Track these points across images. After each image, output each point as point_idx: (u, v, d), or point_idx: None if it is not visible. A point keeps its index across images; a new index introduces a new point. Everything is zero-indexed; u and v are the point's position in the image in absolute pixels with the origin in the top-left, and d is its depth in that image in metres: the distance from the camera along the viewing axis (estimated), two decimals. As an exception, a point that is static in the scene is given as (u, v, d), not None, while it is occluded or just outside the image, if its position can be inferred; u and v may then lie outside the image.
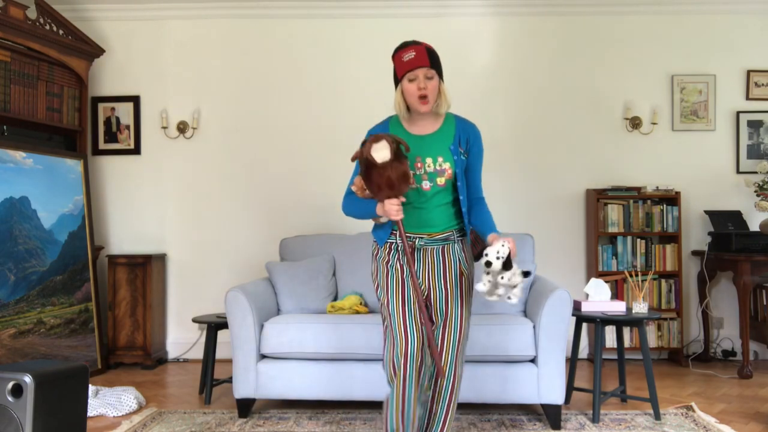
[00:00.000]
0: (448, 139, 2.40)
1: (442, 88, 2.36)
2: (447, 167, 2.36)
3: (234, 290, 3.31)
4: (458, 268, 2.40)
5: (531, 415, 3.35)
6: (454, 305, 2.38)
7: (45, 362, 2.48)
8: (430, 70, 2.30)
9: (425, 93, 2.29)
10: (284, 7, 4.87)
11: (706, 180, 4.81)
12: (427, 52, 2.30)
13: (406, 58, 2.30)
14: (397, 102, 2.37)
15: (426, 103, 2.31)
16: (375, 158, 2.13)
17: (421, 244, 2.38)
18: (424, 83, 2.29)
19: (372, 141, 2.16)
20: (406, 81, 2.31)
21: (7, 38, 3.96)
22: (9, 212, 3.91)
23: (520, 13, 4.84)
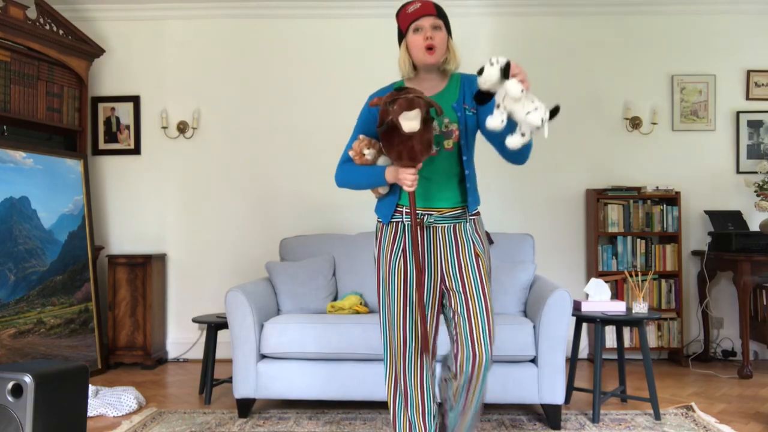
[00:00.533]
0: (452, 97, 2.22)
1: (452, 44, 2.19)
2: (454, 128, 2.19)
3: (234, 290, 3.31)
4: (473, 248, 2.21)
5: (531, 415, 3.35)
6: (473, 282, 2.17)
7: (45, 362, 2.48)
8: (437, 20, 2.14)
9: (432, 43, 2.11)
10: (284, 7, 4.87)
11: (706, 180, 4.81)
12: (434, 4, 2.16)
13: (410, 9, 2.15)
14: (401, 60, 2.19)
15: (432, 52, 2.11)
16: (403, 126, 1.95)
17: (430, 221, 2.19)
18: (431, 32, 2.12)
19: (404, 105, 1.95)
20: (411, 33, 2.14)
21: (7, 38, 3.96)
22: (9, 212, 3.91)
23: (520, 13, 4.84)
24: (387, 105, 1.99)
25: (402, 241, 2.20)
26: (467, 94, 2.21)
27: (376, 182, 2.18)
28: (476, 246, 2.22)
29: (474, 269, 2.19)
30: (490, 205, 4.82)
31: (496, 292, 3.61)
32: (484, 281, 2.20)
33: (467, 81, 2.24)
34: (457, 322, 2.18)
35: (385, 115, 1.99)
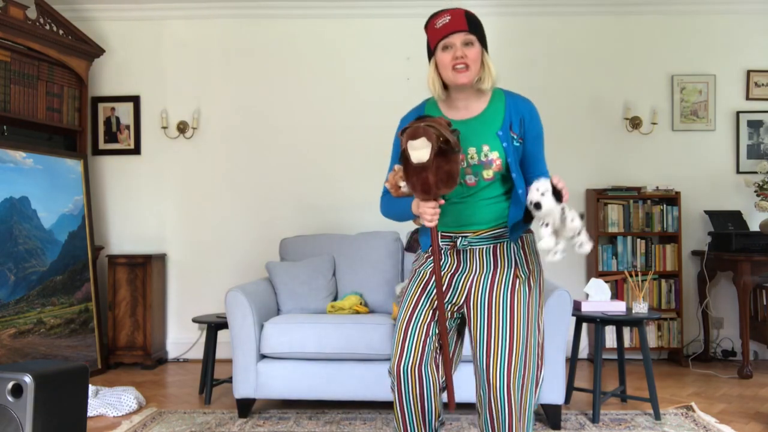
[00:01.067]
0: (495, 123, 1.97)
1: (487, 60, 1.95)
2: (495, 157, 1.94)
3: (234, 290, 3.31)
4: (513, 270, 1.97)
5: (531, 415, 3.35)
6: (502, 312, 1.91)
7: (45, 362, 2.48)
8: (470, 35, 1.91)
9: (463, 61, 1.89)
10: (284, 7, 4.87)
11: (706, 180, 4.81)
12: (465, 16, 1.93)
13: (439, 24, 1.93)
14: (430, 79, 1.98)
15: (464, 71, 1.89)
16: (410, 157, 1.79)
17: (464, 245, 1.98)
18: (462, 51, 1.90)
19: (409, 134, 1.79)
20: (440, 51, 1.93)
21: (7, 38, 3.96)
22: (9, 212, 3.91)
23: (520, 13, 4.84)
24: (401, 134, 1.84)
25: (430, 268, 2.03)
26: (515, 121, 1.97)
27: (407, 216, 2.00)
28: (518, 268, 1.98)
29: (506, 292, 1.94)
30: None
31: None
32: (516, 307, 1.92)
33: (514, 104, 2.00)
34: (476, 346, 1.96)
35: (401, 145, 1.85)
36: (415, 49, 4.89)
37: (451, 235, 1.99)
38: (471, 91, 1.98)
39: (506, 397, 1.87)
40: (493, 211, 2.00)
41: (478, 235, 1.98)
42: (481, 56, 1.94)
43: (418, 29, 5.31)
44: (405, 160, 1.84)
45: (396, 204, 2.03)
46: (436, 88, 1.97)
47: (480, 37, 1.95)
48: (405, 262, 3.98)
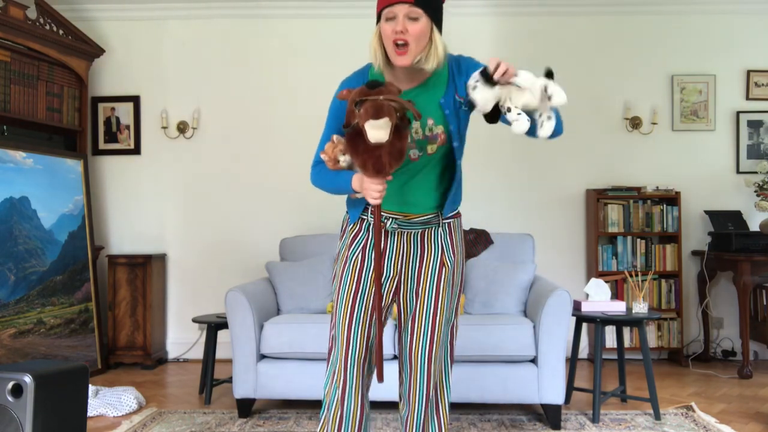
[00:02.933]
0: (437, 91, 1.86)
1: (435, 37, 1.80)
2: (440, 131, 1.86)
3: (234, 290, 3.31)
4: (439, 257, 1.95)
5: (531, 415, 3.35)
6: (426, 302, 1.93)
7: (45, 362, 2.48)
8: (415, 8, 1.73)
9: (403, 38, 1.74)
10: (284, 7, 4.87)
11: (706, 180, 4.81)
12: None
13: None
14: (372, 48, 1.83)
15: (403, 53, 1.76)
16: (369, 136, 1.69)
17: (393, 227, 1.92)
18: (403, 25, 1.74)
19: (370, 111, 1.66)
20: (384, 20, 1.77)
21: (7, 38, 3.96)
22: (9, 212, 3.91)
23: (520, 13, 4.84)
24: (354, 105, 1.70)
25: (364, 239, 1.96)
26: (459, 84, 1.85)
27: (344, 191, 1.90)
28: (444, 254, 1.96)
29: (433, 280, 1.94)
30: (491, 205, 4.83)
31: (497, 292, 3.61)
32: (441, 295, 1.94)
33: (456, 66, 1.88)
34: (402, 337, 2.02)
35: (352, 116, 1.72)
36: (415, 49, 4.91)
37: (386, 214, 1.92)
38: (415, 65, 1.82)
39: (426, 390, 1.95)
40: (430, 196, 1.93)
41: (408, 219, 1.93)
42: (427, 33, 1.78)
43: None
44: (355, 134, 1.73)
45: (333, 177, 1.91)
46: (378, 58, 1.83)
47: (429, 10, 1.77)
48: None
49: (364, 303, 1.95)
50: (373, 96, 1.67)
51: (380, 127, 1.66)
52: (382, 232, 1.90)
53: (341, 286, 1.97)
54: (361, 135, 1.70)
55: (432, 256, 1.96)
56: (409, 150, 1.84)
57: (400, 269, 1.98)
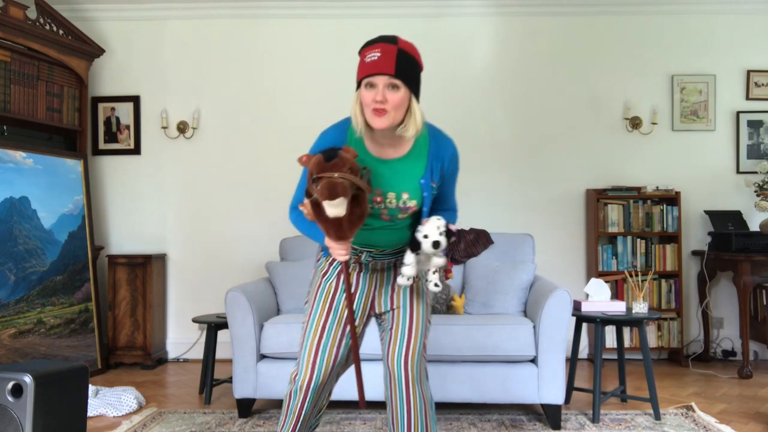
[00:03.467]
0: (418, 169, 1.95)
1: (414, 107, 1.86)
2: (413, 205, 1.95)
3: (234, 290, 3.31)
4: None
5: (531, 415, 3.35)
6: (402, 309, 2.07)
7: (45, 362, 2.48)
8: (395, 80, 1.80)
9: (382, 106, 1.81)
10: (284, 7, 4.87)
11: (706, 180, 4.81)
12: (396, 56, 1.82)
13: (368, 59, 1.83)
14: (352, 113, 1.89)
15: (381, 115, 1.82)
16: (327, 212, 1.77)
17: (368, 260, 2.06)
18: (383, 95, 1.81)
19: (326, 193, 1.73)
20: (364, 87, 1.84)
21: (7, 38, 3.96)
22: (9, 212, 3.91)
23: (520, 13, 4.84)
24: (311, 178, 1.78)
25: (339, 268, 2.08)
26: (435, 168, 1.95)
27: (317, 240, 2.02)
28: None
29: (406, 293, 2.08)
30: (491, 205, 4.83)
31: (497, 292, 3.61)
32: (415, 304, 2.08)
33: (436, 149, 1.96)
34: (382, 337, 2.14)
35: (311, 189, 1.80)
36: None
37: (356, 248, 2.04)
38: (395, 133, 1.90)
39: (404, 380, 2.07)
40: (399, 237, 2.04)
41: (382, 252, 2.06)
42: (406, 102, 1.85)
43: (418, 29, 5.32)
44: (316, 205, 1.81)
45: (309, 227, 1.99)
46: (358, 122, 1.89)
47: (409, 81, 1.84)
48: (405, 262, 3.97)
49: (334, 327, 2.06)
50: (328, 174, 1.74)
51: (336, 206, 1.75)
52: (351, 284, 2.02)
53: (313, 309, 2.08)
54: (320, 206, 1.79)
55: None
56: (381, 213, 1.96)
57: (373, 292, 2.11)
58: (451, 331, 3.20)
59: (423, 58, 1.96)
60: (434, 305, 3.51)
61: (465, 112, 4.83)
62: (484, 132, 4.87)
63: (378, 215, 1.97)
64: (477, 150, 4.83)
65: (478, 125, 4.84)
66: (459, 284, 3.86)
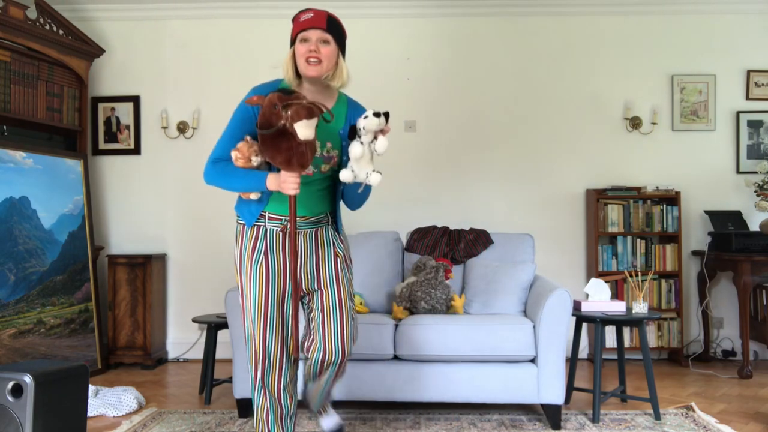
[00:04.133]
0: (338, 122, 2.20)
1: (341, 61, 2.15)
2: (335, 154, 2.18)
3: (234, 290, 3.31)
4: (332, 249, 2.28)
5: (531, 415, 3.35)
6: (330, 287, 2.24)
7: (45, 362, 2.48)
8: (326, 34, 2.10)
9: (316, 55, 2.07)
10: (284, 7, 4.86)
11: (706, 180, 4.81)
12: (327, 18, 2.12)
13: (302, 18, 2.12)
14: (285, 66, 2.15)
15: (315, 65, 2.07)
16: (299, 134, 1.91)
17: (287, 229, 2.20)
18: (316, 45, 2.08)
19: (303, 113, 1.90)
20: (298, 42, 2.11)
21: (7, 38, 3.96)
22: (9, 212, 3.91)
23: (521, 13, 4.84)
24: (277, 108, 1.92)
25: (264, 245, 2.20)
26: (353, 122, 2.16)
27: (256, 188, 2.13)
28: (336, 247, 2.29)
29: (331, 269, 2.25)
30: (491, 205, 4.83)
31: (497, 292, 3.61)
32: (341, 280, 2.26)
33: (354, 111, 2.22)
34: (314, 317, 2.29)
35: (275, 119, 1.93)
36: (415, 49, 4.91)
37: (281, 218, 2.19)
38: (320, 86, 2.16)
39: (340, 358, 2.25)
40: (321, 203, 2.25)
41: (305, 220, 2.22)
42: (335, 56, 2.12)
43: (418, 29, 5.32)
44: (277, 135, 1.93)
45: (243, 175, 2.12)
46: (288, 74, 2.14)
47: (337, 39, 2.13)
48: (405, 262, 3.98)
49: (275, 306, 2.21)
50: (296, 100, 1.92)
51: (310, 126, 1.91)
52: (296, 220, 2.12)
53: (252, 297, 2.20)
54: (285, 135, 1.92)
55: (326, 250, 2.27)
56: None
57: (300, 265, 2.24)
58: (451, 331, 3.20)
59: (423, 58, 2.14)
60: (434, 305, 3.51)
61: (465, 111, 4.83)
62: (485, 132, 4.87)
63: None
64: (477, 150, 4.83)
65: (478, 125, 4.84)
66: (459, 284, 3.86)
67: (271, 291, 2.20)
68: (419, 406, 3.47)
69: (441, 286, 3.56)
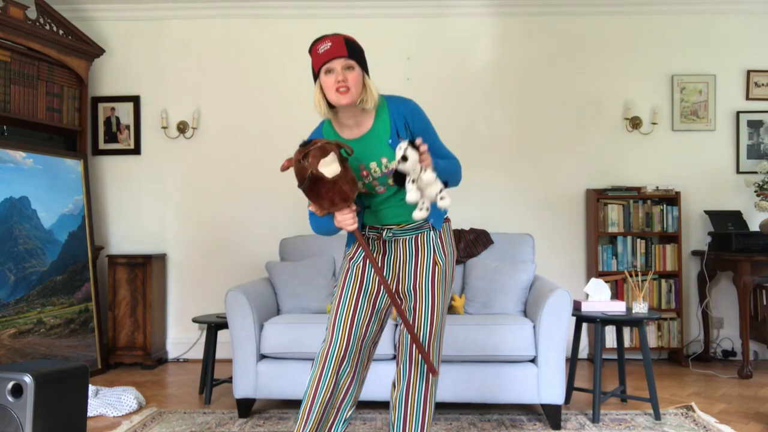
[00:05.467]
0: (384, 133, 2.16)
1: (367, 82, 2.13)
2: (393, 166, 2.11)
3: (234, 290, 3.31)
4: (432, 257, 2.20)
5: (531, 415, 3.35)
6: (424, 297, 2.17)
7: (45, 362, 2.48)
8: (349, 60, 2.08)
9: (345, 84, 2.06)
10: (284, 7, 4.87)
11: (706, 180, 4.81)
12: (345, 42, 2.09)
13: (321, 49, 2.09)
14: (316, 101, 2.17)
15: (346, 93, 2.06)
16: (325, 174, 1.96)
17: (389, 236, 2.20)
18: (343, 75, 2.07)
19: (318, 154, 1.95)
20: (323, 74, 2.11)
21: (7, 38, 3.96)
22: (9, 212, 3.91)
23: (520, 13, 4.84)
24: (300, 162, 1.98)
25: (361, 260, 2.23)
26: (400, 126, 2.15)
27: (332, 231, 2.19)
28: (436, 254, 2.22)
29: (428, 277, 2.19)
30: (491, 205, 4.83)
31: (497, 292, 3.61)
32: (436, 291, 2.19)
33: (396, 109, 2.17)
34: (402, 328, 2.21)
35: (303, 171, 1.98)
36: (415, 49, 4.91)
37: (377, 227, 2.21)
38: (357, 109, 2.14)
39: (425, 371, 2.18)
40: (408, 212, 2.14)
41: (401, 227, 2.20)
42: (361, 79, 2.10)
43: (418, 29, 5.32)
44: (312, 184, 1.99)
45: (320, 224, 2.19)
46: (322, 108, 2.16)
47: (360, 61, 2.11)
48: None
49: (367, 300, 2.20)
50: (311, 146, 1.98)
51: (331, 162, 1.95)
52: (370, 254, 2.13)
53: (345, 285, 2.22)
54: (319, 180, 1.97)
55: (425, 257, 2.21)
56: (374, 187, 2.16)
57: (398, 272, 2.22)
58: (451, 331, 3.20)
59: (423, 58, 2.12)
60: None
61: (465, 112, 4.83)
62: (485, 132, 4.87)
63: (372, 189, 2.17)
64: (477, 150, 4.83)
65: (478, 125, 4.84)
66: (459, 284, 3.86)
67: (366, 285, 2.20)
68: (419, 406, 3.46)
69: (441, 286, 3.55)
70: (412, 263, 2.20)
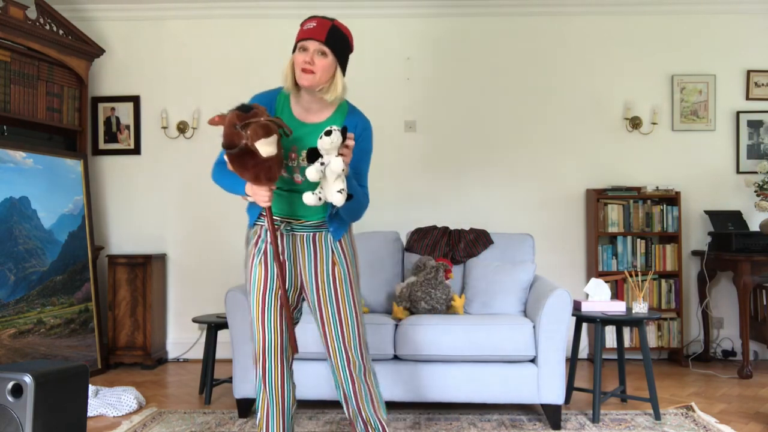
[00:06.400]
0: None
1: (338, 75, 2.12)
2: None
3: (234, 290, 3.31)
4: (330, 257, 2.21)
5: (531, 415, 3.35)
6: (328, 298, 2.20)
7: (45, 362, 2.48)
8: (323, 47, 2.07)
9: (310, 67, 2.06)
10: (284, 7, 4.87)
11: (706, 180, 4.81)
12: (329, 29, 2.09)
13: (306, 26, 2.11)
14: (284, 73, 2.15)
15: (307, 74, 2.06)
16: (261, 152, 1.94)
17: (288, 230, 2.21)
18: (312, 57, 2.06)
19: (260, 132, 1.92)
20: (298, 50, 2.11)
21: (7, 38, 3.96)
22: (9, 212, 3.91)
23: (520, 13, 4.84)
24: (236, 129, 1.94)
25: (264, 244, 2.22)
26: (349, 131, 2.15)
27: (237, 192, 2.20)
28: (334, 254, 2.22)
29: (329, 277, 2.21)
30: (491, 205, 4.83)
31: (497, 292, 3.61)
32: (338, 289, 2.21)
33: (351, 121, 2.18)
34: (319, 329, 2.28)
35: (237, 138, 1.95)
36: (415, 49, 4.91)
37: (277, 219, 2.20)
38: (317, 97, 2.15)
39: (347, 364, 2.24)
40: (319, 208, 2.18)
41: (301, 223, 2.21)
42: (332, 69, 2.10)
43: (418, 29, 5.32)
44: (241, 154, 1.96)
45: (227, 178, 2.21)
46: (287, 81, 2.15)
47: (337, 52, 2.10)
48: (405, 262, 3.98)
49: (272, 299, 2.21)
50: (255, 118, 1.94)
51: (271, 143, 1.94)
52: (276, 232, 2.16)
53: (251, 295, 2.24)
54: (249, 153, 1.95)
55: (324, 256, 2.22)
56: (294, 173, 2.16)
57: (299, 272, 2.24)
58: (451, 331, 3.20)
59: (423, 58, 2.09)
60: (434, 305, 3.51)
61: (465, 112, 4.83)
62: (484, 132, 4.87)
63: (292, 174, 2.16)
64: (477, 150, 4.83)
65: (478, 125, 4.84)
66: (459, 284, 3.86)
67: (269, 289, 2.20)
68: (419, 406, 3.47)
69: (441, 286, 3.56)
70: (311, 265, 2.22)
